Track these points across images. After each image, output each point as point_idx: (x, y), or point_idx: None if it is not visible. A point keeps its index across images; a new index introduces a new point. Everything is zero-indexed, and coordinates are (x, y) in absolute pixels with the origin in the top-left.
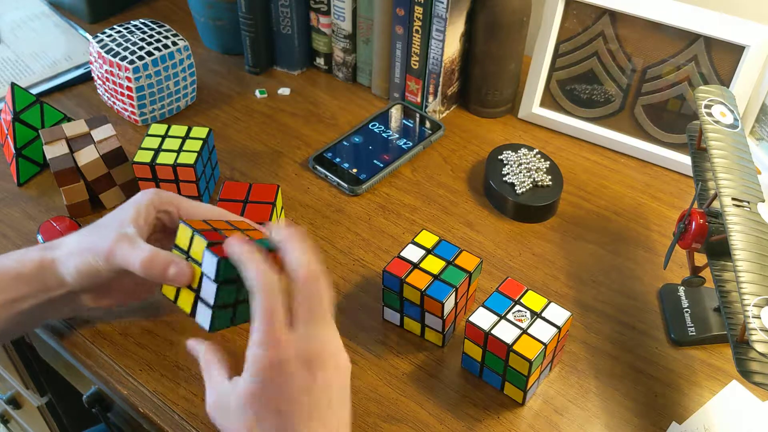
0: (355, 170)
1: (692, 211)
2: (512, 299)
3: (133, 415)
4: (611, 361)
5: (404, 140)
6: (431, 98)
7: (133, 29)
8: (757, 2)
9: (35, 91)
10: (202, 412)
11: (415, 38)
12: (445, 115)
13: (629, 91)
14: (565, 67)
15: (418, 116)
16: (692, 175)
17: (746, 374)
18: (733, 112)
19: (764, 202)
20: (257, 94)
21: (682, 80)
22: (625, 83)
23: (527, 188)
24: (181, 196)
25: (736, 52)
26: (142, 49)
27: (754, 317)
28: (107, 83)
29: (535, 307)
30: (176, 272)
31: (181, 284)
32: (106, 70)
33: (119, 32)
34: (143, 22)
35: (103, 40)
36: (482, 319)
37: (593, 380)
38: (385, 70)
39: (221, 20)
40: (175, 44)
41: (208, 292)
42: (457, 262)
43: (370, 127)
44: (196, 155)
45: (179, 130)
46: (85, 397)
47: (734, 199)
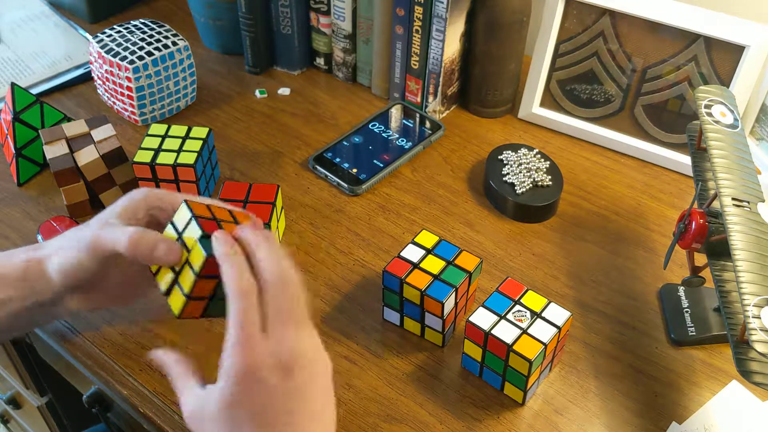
0: (355, 170)
1: (692, 211)
2: (512, 299)
3: (133, 415)
4: (611, 361)
5: (404, 140)
6: (431, 98)
7: (133, 29)
8: (757, 2)
9: (35, 91)
10: None
11: (415, 38)
12: (445, 115)
13: (629, 91)
14: (565, 67)
15: (418, 116)
16: (692, 175)
17: (746, 374)
18: (733, 112)
19: (764, 202)
20: (257, 94)
21: (682, 80)
22: (625, 83)
23: (527, 188)
24: (178, 192)
25: (736, 52)
26: (142, 49)
27: (754, 317)
28: (107, 83)
29: (535, 307)
30: (165, 250)
31: (166, 264)
32: (106, 70)
33: (119, 32)
34: (143, 22)
35: (103, 40)
36: (482, 319)
37: (593, 380)
38: (385, 70)
39: (221, 20)
40: (175, 44)
41: (186, 280)
42: (457, 262)
43: (370, 127)
44: (196, 155)
45: (179, 130)
46: (85, 397)
47: (734, 199)
